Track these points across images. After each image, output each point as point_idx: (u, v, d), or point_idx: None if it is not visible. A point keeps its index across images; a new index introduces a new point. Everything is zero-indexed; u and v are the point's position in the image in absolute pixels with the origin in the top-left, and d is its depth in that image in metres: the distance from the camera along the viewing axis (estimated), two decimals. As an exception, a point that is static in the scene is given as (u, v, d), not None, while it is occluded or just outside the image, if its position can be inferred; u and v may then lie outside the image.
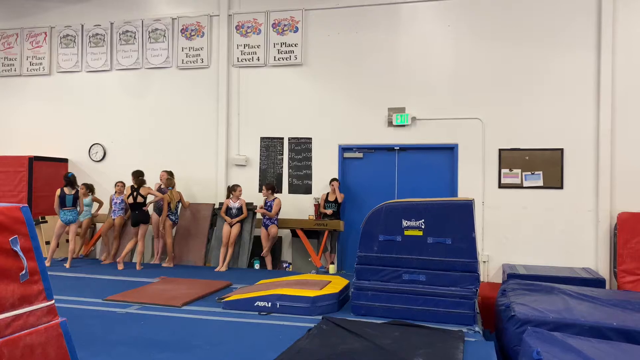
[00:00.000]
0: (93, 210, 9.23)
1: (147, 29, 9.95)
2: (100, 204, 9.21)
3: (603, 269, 7.66)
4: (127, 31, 10.06)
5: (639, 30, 7.71)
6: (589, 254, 7.80)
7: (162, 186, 8.78)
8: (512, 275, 6.94)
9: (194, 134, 9.59)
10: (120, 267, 8.14)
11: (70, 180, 8.36)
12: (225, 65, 9.46)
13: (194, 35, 9.69)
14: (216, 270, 8.13)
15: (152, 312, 5.46)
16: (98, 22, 10.20)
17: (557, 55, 8.01)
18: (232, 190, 8.50)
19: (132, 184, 8.35)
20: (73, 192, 8.34)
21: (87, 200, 8.90)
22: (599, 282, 6.84)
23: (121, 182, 8.75)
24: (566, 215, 7.90)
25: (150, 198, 8.43)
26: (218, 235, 8.75)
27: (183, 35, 9.74)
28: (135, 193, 8.25)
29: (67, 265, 8.22)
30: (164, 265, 8.60)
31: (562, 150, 7.97)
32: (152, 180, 8.89)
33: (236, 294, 5.82)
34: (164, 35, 9.84)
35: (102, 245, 9.13)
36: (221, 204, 8.79)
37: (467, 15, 8.41)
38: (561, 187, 7.97)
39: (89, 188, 9.01)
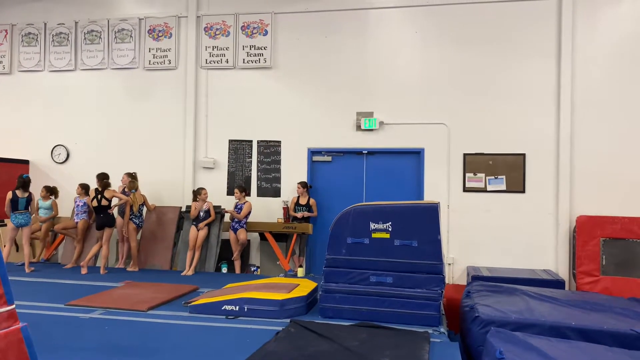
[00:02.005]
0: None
1: (113, 28, 9.78)
2: (55, 212, 8.88)
3: (563, 271, 7.91)
4: (92, 30, 9.86)
5: (597, 40, 8.01)
6: (550, 256, 8.05)
7: (126, 189, 8.63)
8: (476, 277, 7.10)
9: (161, 136, 9.47)
10: (83, 271, 7.94)
11: (24, 182, 8.11)
12: (193, 67, 9.38)
13: (161, 36, 9.57)
14: (183, 274, 8.03)
15: (116, 317, 5.36)
16: (62, 20, 9.97)
17: (520, 63, 8.25)
18: (197, 193, 8.42)
19: (96, 186, 8.18)
20: (26, 194, 8.10)
21: (47, 203, 8.64)
22: (558, 283, 7.07)
23: (85, 184, 8.53)
24: (528, 218, 8.13)
25: (115, 201, 8.27)
26: (184, 238, 8.65)
27: (150, 35, 9.62)
28: (99, 196, 8.08)
29: (26, 269, 7.98)
30: (128, 269, 8.44)
31: (524, 155, 8.20)
32: (118, 183, 8.74)
33: (203, 298, 5.77)
34: (131, 36, 9.69)
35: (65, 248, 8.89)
36: (188, 207, 8.70)
37: (434, 23, 8.58)
38: (523, 191, 8.20)
39: (50, 191, 8.73)
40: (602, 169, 7.91)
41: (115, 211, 8.35)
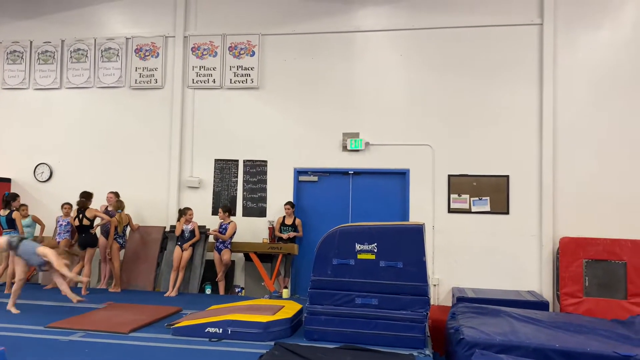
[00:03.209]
0: (36, 232, 8.83)
1: (99, 47, 9.77)
2: (42, 225, 8.77)
3: (547, 292, 7.96)
4: (78, 49, 9.85)
5: (577, 65, 8.19)
6: (534, 277, 8.10)
7: (110, 208, 8.54)
8: (461, 299, 7.10)
9: (146, 155, 9.42)
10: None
11: (5, 200, 7.98)
12: (180, 87, 9.39)
13: (148, 55, 9.59)
14: (166, 295, 7.93)
15: (97, 340, 5.25)
16: (48, 39, 9.95)
17: (503, 87, 8.39)
18: (183, 213, 8.36)
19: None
20: (7, 212, 7.97)
21: (26, 220, 8.49)
22: (543, 305, 7.10)
23: (68, 203, 8.44)
24: (512, 239, 8.19)
25: (98, 220, 8.18)
26: (168, 259, 8.56)
27: (137, 55, 9.63)
28: (80, 215, 7.98)
29: (6, 290, 7.81)
30: (111, 290, 8.31)
31: (507, 177, 8.30)
32: (102, 202, 8.65)
33: (186, 320, 5.69)
34: (117, 55, 9.69)
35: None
36: (173, 226, 8.63)
37: (419, 46, 8.72)
38: (507, 213, 8.28)
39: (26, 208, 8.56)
40: (584, 191, 8.02)
41: (98, 231, 8.25)
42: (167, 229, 8.90)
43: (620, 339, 5.08)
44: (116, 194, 8.62)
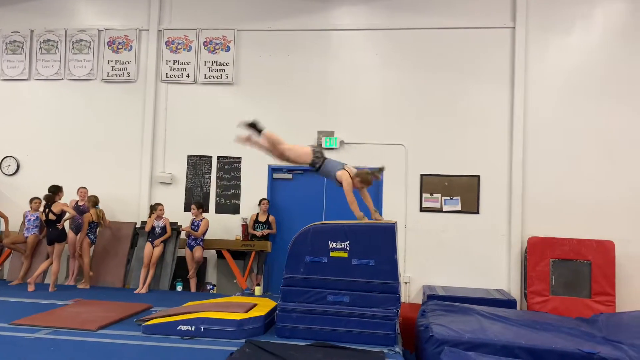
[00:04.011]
0: (2, 227, 8.60)
1: (70, 39, 9.56)
2: (5, 219, 8.54)
3: (515, 290, 8.13)
4: (48, 40, 9.61)
5: (548, 69, 8.38)
6: (502, 275, 8.26)
7: (82, 203, 8.38)
8: (432, 296, 7.20)
9: (117, 150, 9.26)
10: (30, 288, 7.60)
11: None
12: (153, 81, 9.26)
13: (121, 48, 9.43)
14: (136, 292, 7.82)
15: (64, 337, 5.14)
16: (16, 28, 9.68)
17: (476, 88, 8.53)
18: (154, 209, 8.26)
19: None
20: None
21: None
22: (510, 303, 7.25)
23: (38, 198, 8.23)
24: (482, 238, 8.34)
25: (67, 215, 8.01)
26: (139, 255, 8.43)
27: (110, 47, 9.45)
28: (47, 210, 7.81)
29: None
30: (79, 286, 8.15)
31: (478, 177, 8.44)
32: (72, 197, 8.48)
33: (157, 317, 5.62)
34: (89, 47, 9.50)
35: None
36: (144, 222, 8.51)
37: (394, 46, 8.79)
38: (477, 212, 8.42)
39: None
40: (553, 192, 8.22)
41: (66, 226, 8.08)
42: (138, 225, 8.77)
43: (584, 336, 5.23)
44: (85, 189, 8.46)
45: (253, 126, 5.80)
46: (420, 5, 8.75)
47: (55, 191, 7.97)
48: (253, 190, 8.92)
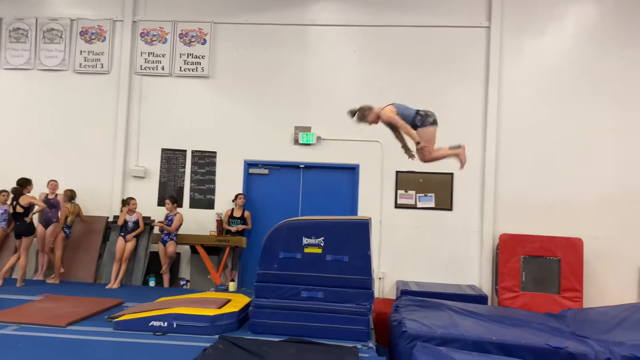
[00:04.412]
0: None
1: (41, 28, 9.32)
2: None
3: (486, 286, 8.27)
4: (18, 28, 9.35)
5: (521, 70, 8.51)
6: (474, 272, 8.39)
7: (55, 197, 8.20)
8: (405, 292, 7.27)
9: (90, 142, 9.09)
10: (-3, 283, 7.43)
11: None
12: (127, 72, 9.10)
13: (94, 38, 9.23)
14: (107, 287, 7.70)
15: (32, 333, 5.04)
16: (-16, 16, 9.40)
17: (451, 87, 8.61)
18: (126, 203, 8.14)
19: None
20: None
21: None
22: (482, 299, 7.37)
23: (6, 191, 8.01)
24: (455, 235, 8.45)
25: (36, 208, 7.83)
26: (111, 250, 8.30)
27: (82, 38, 9.25)
28: (14, 203, 7.62)
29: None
30: (48, 281, 7.99)
31: (452, 174, 8.53)
32: (42, 189, 8.29)
33: (129, 313, 5.56)
34: (61, 37, 9.27)
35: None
36: (116, 217, 8.38)
37: (372, 43, 8.81)
38: (451, 209, 8.53)
39: None
40: (524, 190, 8.37)
41: (35, 219, 7.90)
42: (111, 219, 8.63)
43: (553, 331, 5.35)
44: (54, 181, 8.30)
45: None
46: (397, 2, 8.79)
47: (23, 184, 7.78)
48: (228, 185, 8.86)
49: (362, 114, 5.37)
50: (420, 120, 5.30)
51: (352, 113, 5.55)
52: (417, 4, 8.73)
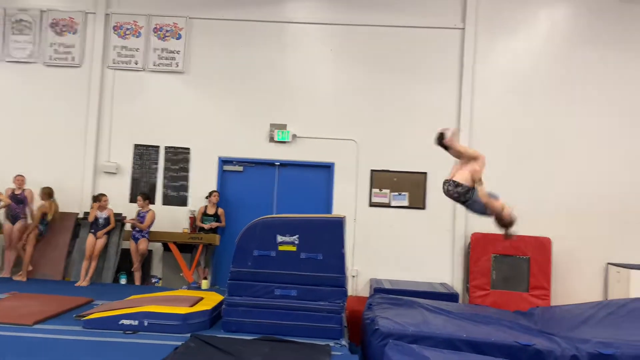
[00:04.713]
0: None
1: (9, 18, 9.05)
2: None
3: (457, 284, 8.39)
4: (-16, 18, 9.07)
5: (494, 71, 8.64)
6: (446, 270, 8.50)
7: (18, 192, 7.99)
8: (378, 290, 7.32)
9: (59, 137, 8.88)
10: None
11: None
12: (99, 66, 8.92)
13: (65, 30, 9.02)
14: (77, 285, 7.56)
15: (-3, 333, 4.91)
16: (-51, 4, 9.09)
17: (426, 87, 8.69)
18: (97, 199, 7.99)
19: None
20: None
21: None
22: (453, 297, 7.47)
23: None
24: (427, 234, 8.54)
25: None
26: (81, 247, 8.14)
27: (53, 30, 9.03)
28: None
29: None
30: (15, 278, 7.80)
31: (425, 173, 8.62)
32: (8, 185, 8.07)
33: (98, 312, 5.46)
34: (30, 28, 9.03)
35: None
36: (86, 213, 8.22)
37: (348, 42, 8.83)
38: (424, 208, 8.62)
39: None
40: (495, 190, 8.46)
41: (1, 215, 7.70)
42: (81, 216, 8.46)
43: (522, 329, 5.45)
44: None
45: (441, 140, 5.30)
46: (374, 2, 8.82)
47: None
48: (202, 182, 8.77)
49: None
50: None
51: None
52: (393, 5, 8.78)
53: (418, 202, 8.62)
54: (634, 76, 8.46)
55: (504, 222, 5.12)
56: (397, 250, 8.53)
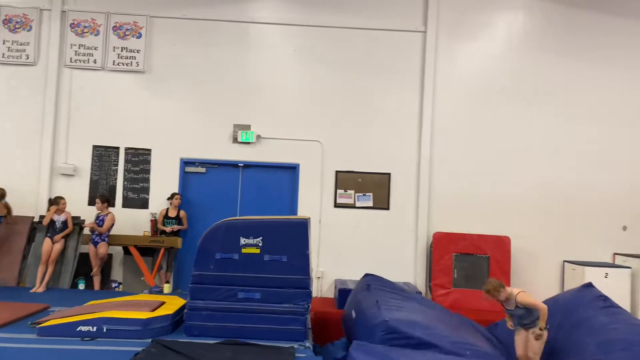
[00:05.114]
0: None
1: (-41, 14, 8.69)
2: None
3: (420, 283, 8.51)
4: None
5: (455, 74, 8.80)
6: (410, 269, 8.61)
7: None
8: (343, 290, 7.35)
9: (14, 138, 8.58)
10: None
11: None
12: (55, 65, 8.65)
13: (19, 27, 8.71)
14: (32, 291, 7.29)
15: (-55, 343, 4.70)
16: None
17: (388, 89, 8.78)
18: (54, 202, 7.74)
19: None
20: None
21: None
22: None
23: None
24: (392, 233, 8.64)
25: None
26: (36, 251, 7.87)
27: (6, 26, 8.70)
28: None
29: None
30: (-35, 286, 7.47)
31: (389, 174, 8.72)
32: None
33: (55, 318, 5.28)
34: (-19, 24, 8.68)
35: None
36: (42, 217, 7.95)
37: (312, 43, 8.83)
38: (388, 208, 8.71)
39: None
40: (457, 190, 8.68)
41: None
42: (37, 219, 8.18)
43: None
44: None
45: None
46: (335, 3, 8.85)
47: None
48: (163, 184, 8.62)
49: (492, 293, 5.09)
50: None
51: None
52: (356, 7, 8.84)
53: (382, 203, 8.70)
54: (584, 80, 8.78)
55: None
56: (362, 250, 8.58)
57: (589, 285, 5.93)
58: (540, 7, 8.84)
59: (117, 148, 8.70)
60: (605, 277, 7.71)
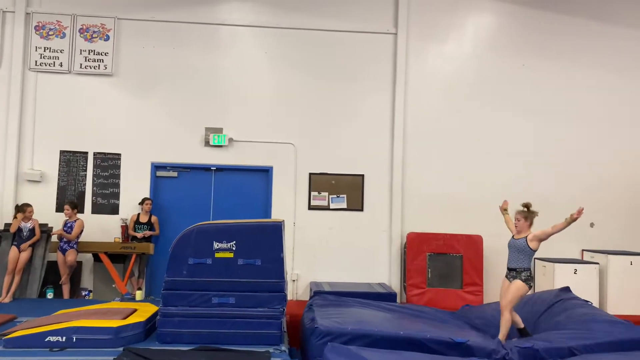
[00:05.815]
0: None
1: None
2: None
3: (395, 284, 8.56)
4: None
5: (426, 75, 8.89)
6: (384, 270, 8.65)
7: None
8: (318, 292, 7.31)
9: (-24, 144, 8.31)
10: None
11: None
12: (20, 68, 8.42)
13: (-20, 30, 8.45)
14: (-2, 301, 7.08)
15: None
16: None
17: (361, 91, 8.82)
18: (21, 209, 7.52)
19: None
20: None
21: None
22: (391, 296, 7.61)
23: None
24: (366, 235, 8.67)
25: None
26: (2, 260, 7.63)
27: (-34, 28, 8.43)
28: None
29: None
30: None
31: (362, 176, 8.76)
32: None
33: (22, 329, 5.12)
34: (-60, 26, 8.39)
35: None
36: (8, 224, 7.72)
37: (283, 46, 8.81)
38: (362, 210, 8.73)
39: None
40: (430, 190, 8.76)
41: None
42: (1, 227, 7.93)
43: (456, 327, 5.63)
44: None
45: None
46: (307, 5, 8.85)
47: None
48: (134, 189, 8.47)
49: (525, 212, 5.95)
50: None
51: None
52: (327, 9, 8.85)
53: (356, 204, 8.73)
54: (553, 81, 8.98)
55: None
56: (336, 252, 8.59)
57: (566, 289, 6.21)
58: (508, 9, 9.01)
59: (86, 153, 8.51)
60: (575, 273, 7.88)
